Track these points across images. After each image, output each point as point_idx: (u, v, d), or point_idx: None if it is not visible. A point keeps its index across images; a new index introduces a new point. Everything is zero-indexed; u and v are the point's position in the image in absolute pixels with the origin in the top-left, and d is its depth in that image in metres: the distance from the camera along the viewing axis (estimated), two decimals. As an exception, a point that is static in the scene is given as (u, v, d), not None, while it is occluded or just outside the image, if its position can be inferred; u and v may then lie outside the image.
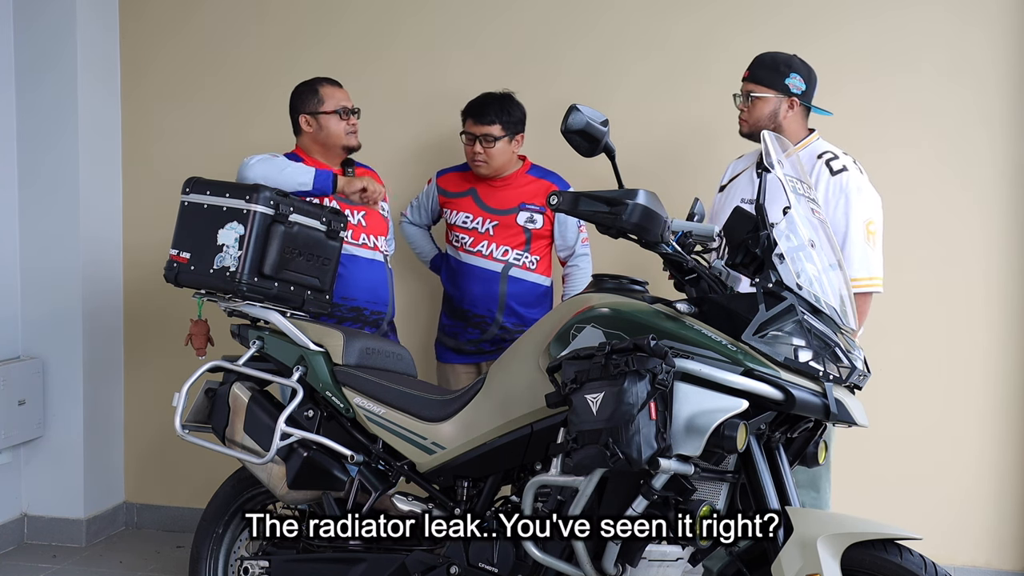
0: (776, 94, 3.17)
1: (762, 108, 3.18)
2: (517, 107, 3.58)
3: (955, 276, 3.76)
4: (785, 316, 2.17)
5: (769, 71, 3.18)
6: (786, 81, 3.16)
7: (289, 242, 2.91)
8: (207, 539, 3.02)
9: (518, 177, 3.61)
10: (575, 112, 2.26)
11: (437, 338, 3.78)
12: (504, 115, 3.52)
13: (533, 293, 3.62)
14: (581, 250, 3.66)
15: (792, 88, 3.17)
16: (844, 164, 3.14)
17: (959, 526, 3.78)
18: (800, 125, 3.23)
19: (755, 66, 3.22)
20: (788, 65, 3.18)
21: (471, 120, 3.53)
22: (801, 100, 3.19)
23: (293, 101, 3.45)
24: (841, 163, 3.14)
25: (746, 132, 3.23)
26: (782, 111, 3.18)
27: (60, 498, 4.25)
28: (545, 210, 3.58)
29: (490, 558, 2.47)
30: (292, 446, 2.70)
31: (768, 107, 3.17)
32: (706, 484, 2.25)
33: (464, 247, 3.61)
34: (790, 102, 3.18)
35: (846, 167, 3.13)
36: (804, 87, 3.19)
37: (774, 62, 3.19)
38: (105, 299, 4.34)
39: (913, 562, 2.05)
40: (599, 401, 2.09)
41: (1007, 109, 3.70)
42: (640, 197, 2.20)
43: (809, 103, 3.23)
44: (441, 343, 3.74)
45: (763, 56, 3.24)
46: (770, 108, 3.17)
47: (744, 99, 3.21)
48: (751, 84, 3.20)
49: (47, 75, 4.15)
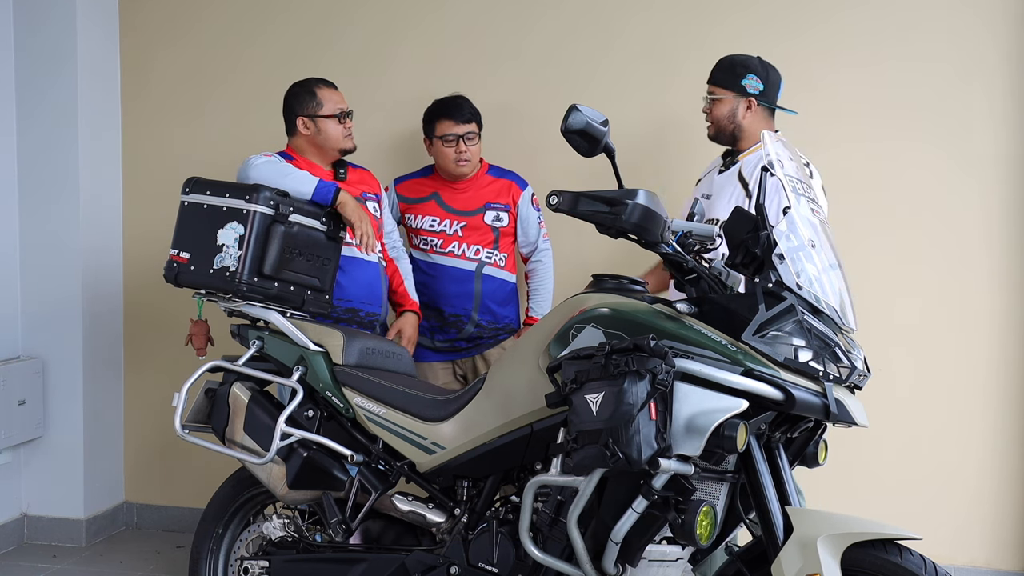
0: (733, 95, 3.22)
1: (720, 109, 3.24)
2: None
3: (957, 275, 3.75)
4: (785, 316, 2.17)
5: (726, 72, 3.25)
6: (742, 82, 3.22)
7: (289, 242, 2.91)
8: (207, 539, 3.02)
9: (479, 178, 3.67)
10: (575, 112, 2.26)
11: None
12: (476, 113, 3.61)
13: (503, 290, 3.67)
14: (543, 245, 3.73)
15: (749, 89, 3.22)
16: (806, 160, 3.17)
17: (959, 526, 3.78)
18: (762, 125, 3.24)
19: (715, 68, 3.29)
20: (744, 66, 3.24)
21: (450, 121, 3.55)
22: (760, 100, 3.23)
23: (289, 102, 3.44)
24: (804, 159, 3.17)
25: (711, 135, 3.30)
26: (740, 111, 3.23)
27: (60, 498, 4.25)
28: (510, 208, 3.65)
29: (490, 558, 2.47)
30: (292, 446, 2.70)
31: (726, 107, 3.23)
32: (706, 484, 2.26)
33: (434, 249, 3.64)
34: (747, 102, 3.22)
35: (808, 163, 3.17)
36: (762, 87, 3.23)
37: (731, 64, 3.26)
38: (105, 299, 4.34)
39: (913, 562, 2.05)
40: (599, 401, 2.09)
41: (1010, 104, 3.69)
42: (640, 197, 2.20)
43: (770, 103, 3.26)
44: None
45: (723, 58, 3.30)
46: (727, 109, 3.23)
47: (708, 101, 3.28)
48: (710, 86, 3.28)
49: (48, 77, 4.15)
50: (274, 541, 2.86)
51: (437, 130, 3.57)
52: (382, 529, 2.81)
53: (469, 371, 3.73)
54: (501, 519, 2.52)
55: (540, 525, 2.36)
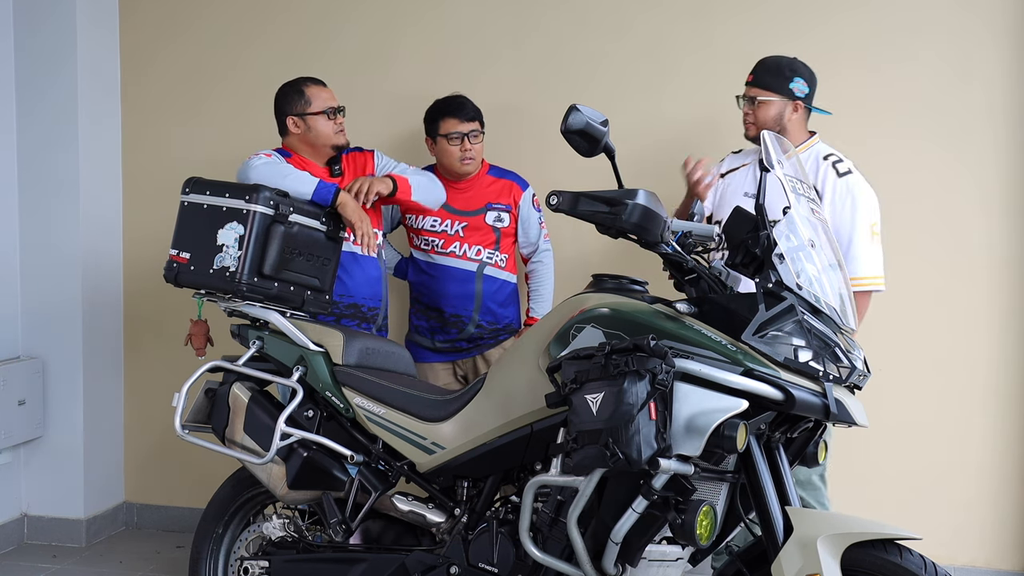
0: (781, 98, 3.22)
1: (768, 111, 3.22)
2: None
3: (957, 275, 3.75)
4: (785, 316, 2.17)
5: (774, 76, 3.23)
6: (790, 85, 3.22)
7: (289, 242, 2.91)
8: (207, 539, 3.02)
9: (481, 178, 3.66)
10: (575, 112, 2.26)
11: (409, 338, 3.78)
12: (479, 112, 3.61)
13: (504, 291, 3.67)
14: (544, 246, 3.73)
15: (796, 92, 3.22)
16: (849, 167, 3.22)
17: (959, 526, 3.78)
18: (802, 127, 3.29)
19: (760, 70, 3.26)
20: (792, 69, 3.23)
21: (454, 119, 3.55)
22: (804, 103, 3.24)
23: (279, 102, 3.43)
24: (846, 165, 3.22)
25: (754, 135, 3.27)
26: (787, 114, 3.23)
27: (60, 498, 4.25)
28: (511, 208, 3.64)
29: (490, 558, 2.47)
30: (292, 446, 2.70)
31: (773, 110, 3.22)
32: (706, 484, 2.26)
33: (435, 249, 3.63)
34: (794, 105, 3.23)
35: (851, 169, 3.21)
36: (807, 90, 3.25)
37: (778, 67, 3.24)
38: (105, 299, 4.34)
39: (913, 562, 2.05)
40: (599, 401, 2.09)
41: (1010, 104, 3.69)
42: (640, 197, 2.20)
43: (811, 105, 3.28)
44: (415, 343, 3.74)
45: (767, 60, 3.28)
46: (775, 111, 3.22)
47: (749, 103, 3.25)
48: (756, 89, 3.24)
49: (48, 76, 4.15)
50: (274, 541, 2.86)
51: (441, 128, 3.57)
52: (382, 529, 2.81)
53: (470, 371, 3.73)
54: (501, 519, 2.52)
55: (540, 525, 2.36)
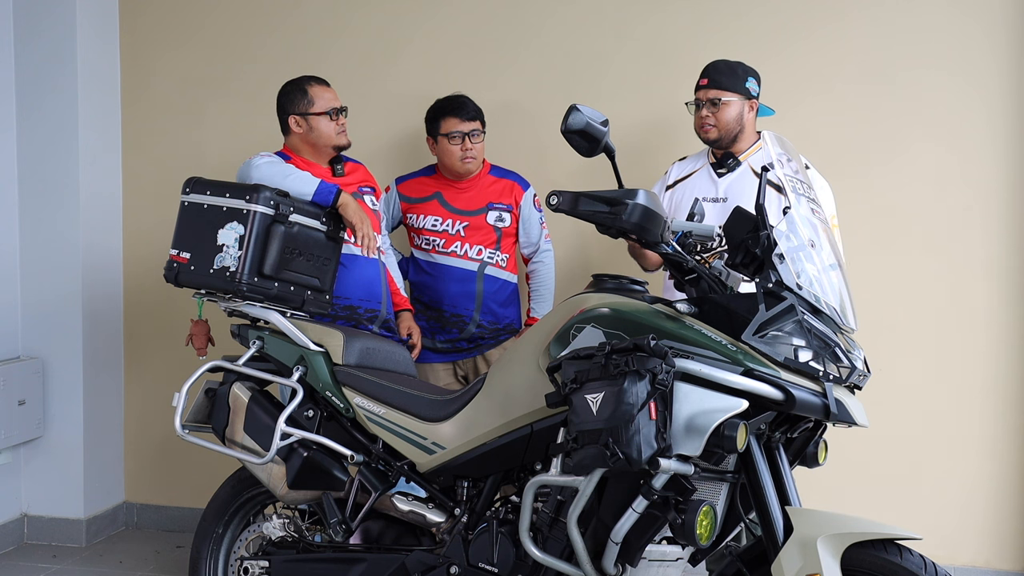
0: (740, 98, 3.29)
1: (729, 112, 3.29)
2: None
3: (957, 275, 3.75)
4: (785, 316, 2.17)
5: (730, 76, 3.30)
6: (746, 85, 3.30)
7: (289, 242, 2.91)
8: (207, 539, 3.02)
9: (482, 178, 3.67)
10: (575, 112, 2.26)
11: None
12: (480, 112, 3.61)
13: (505, 291, 3.67)
14: (545, 246, 3.73)
15: (752, 91, 3.31)
16: (806, 162, 3.19)
17: (959, 526, 3.78)
18: (754, 126, 3.36)
19: (714, 73, 3.32)
20: (744, 69, 3.32)
21: (455, 118, 3.56)
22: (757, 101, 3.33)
23: (281, 101, 3.43)
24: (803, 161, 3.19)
25: (716, 137, 3.32)
26: (745, 113, 3.30)
27: (60, 498, 4.25)
28: (512, 208, 3.65)
29: (490, 558, 2.47)
30: (292, 446, 2.70)
31: (735, 111, 3.29)
32: (706, 484, 2.26)
33: (436, 248, 3.63)
34: (750, 104, 3.31)
35: (808, 165, 3.21)
36: (759, 89, 3.34)
37: (731, 68, 3.32)
38: (105, 299, 4.34)
39: (913, 562, 2.05)
40: (599, 401, 2.09)
41: (1010, 104, 3.69)
42: (640, 197, 2.20)
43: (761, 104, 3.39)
44: None
45: (718, 63, 3.35)
46: (736, 112, 3.29)
47: (711, 105, 3.29)
48: (716, 90, 3.29)
49: (48, 78, 4.15)
50: (274, 541, 2.86)
51: (442, 127, 3.57)
52: (382, 529, 2.81)
53: (470, 371, 3.73)
54: (501, 519, 2.52)
55: (540, 525, 2.36)
